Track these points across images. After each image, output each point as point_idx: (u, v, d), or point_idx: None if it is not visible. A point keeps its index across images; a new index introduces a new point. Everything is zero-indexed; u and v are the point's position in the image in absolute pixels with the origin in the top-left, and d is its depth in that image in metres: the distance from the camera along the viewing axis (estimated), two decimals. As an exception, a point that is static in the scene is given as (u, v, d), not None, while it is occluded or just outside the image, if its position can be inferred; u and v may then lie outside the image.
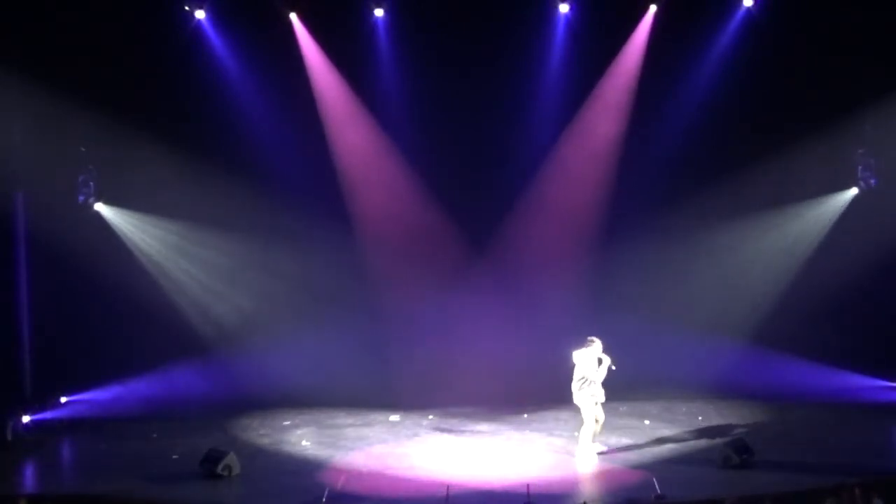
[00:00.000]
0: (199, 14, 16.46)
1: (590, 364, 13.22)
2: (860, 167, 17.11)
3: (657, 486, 11.28)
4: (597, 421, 13.36)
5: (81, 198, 17.01)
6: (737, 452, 12.57)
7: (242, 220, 17.14)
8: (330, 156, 17.16)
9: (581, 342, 13.32)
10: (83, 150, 16.90)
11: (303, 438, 14.82)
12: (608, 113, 17.08)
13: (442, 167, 17.00)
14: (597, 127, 17.13)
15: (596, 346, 13.28)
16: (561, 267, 17.03)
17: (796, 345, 16.60)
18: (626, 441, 14.16)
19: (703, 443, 13.96)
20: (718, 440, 13.32)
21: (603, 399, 13.30)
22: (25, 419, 15.40)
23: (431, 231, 17.06)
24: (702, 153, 16.74)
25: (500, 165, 17.08)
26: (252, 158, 16.82)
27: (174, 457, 13.78)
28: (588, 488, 12.23)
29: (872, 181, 17.03)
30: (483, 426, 15.38)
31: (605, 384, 13.33)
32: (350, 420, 15.94)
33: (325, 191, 17.08)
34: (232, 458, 12.74)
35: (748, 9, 16.59)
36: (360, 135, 17.18)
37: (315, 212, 16.97)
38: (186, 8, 16.40)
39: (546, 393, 16.22)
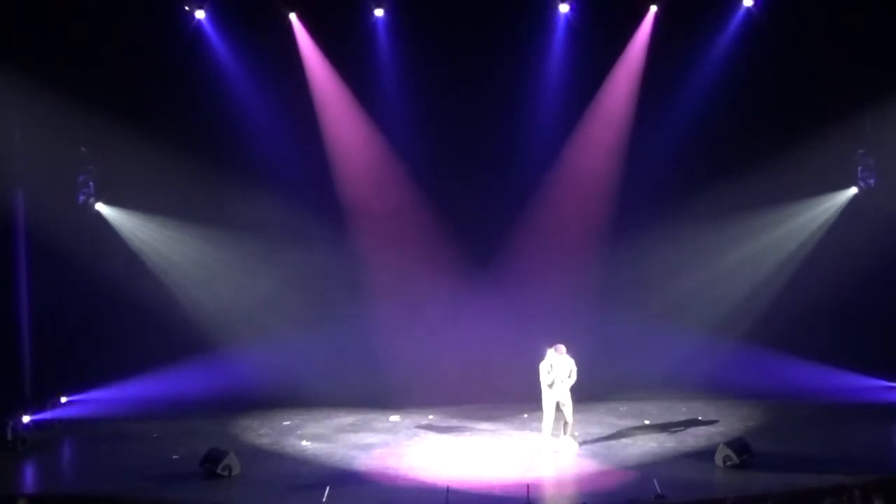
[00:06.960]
0: (199, 14, 16.46)
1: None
2: (860, 167, 17.13)
3: (657, 486, 11.28)
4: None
5: (81, 198, 17.02)
6: (737, 452, 12.58)
7: (242, 219, 17.10)
8: (330, 155, 17.15)
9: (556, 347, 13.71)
10: (83, 150, 16.92)
11: (303, 438, 14.83)
12: (608, 113, 17.08)
13: (442, 167, 17.00)
14: (597, 127, 17.12)
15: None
16: (562, 268, 17.02)
17: (796, 344, 16.59)
18: (625, 441, 14.17)
19: (703, 443, 13.96)
20: (718, 440, 13.30)
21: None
22: (25, 419, 15.38)
23: (432, 231, 17.03)
24: (701, 153, 16.75)
25: (500, 165, 17.08)
26: (252, 158, 16.81)
27: (174, 457, 13.78)
28: (588, 488, 12.22)
29: (872, 181, 17.05)
30: (483, 426, 15.39)
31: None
32: (350, 420, 15.94)
33: (324, 190, 17.07)
34: (232, 458, 12.74)
35: (748, 9, 16.59)
36: (359, 135, 17.18)
37: (315, 211, 16.95)
38: (186, 8, 16.40)
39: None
